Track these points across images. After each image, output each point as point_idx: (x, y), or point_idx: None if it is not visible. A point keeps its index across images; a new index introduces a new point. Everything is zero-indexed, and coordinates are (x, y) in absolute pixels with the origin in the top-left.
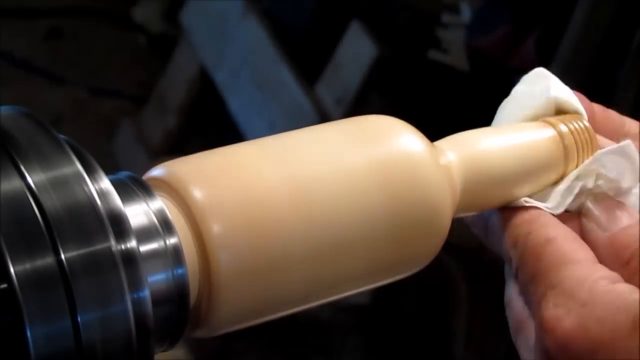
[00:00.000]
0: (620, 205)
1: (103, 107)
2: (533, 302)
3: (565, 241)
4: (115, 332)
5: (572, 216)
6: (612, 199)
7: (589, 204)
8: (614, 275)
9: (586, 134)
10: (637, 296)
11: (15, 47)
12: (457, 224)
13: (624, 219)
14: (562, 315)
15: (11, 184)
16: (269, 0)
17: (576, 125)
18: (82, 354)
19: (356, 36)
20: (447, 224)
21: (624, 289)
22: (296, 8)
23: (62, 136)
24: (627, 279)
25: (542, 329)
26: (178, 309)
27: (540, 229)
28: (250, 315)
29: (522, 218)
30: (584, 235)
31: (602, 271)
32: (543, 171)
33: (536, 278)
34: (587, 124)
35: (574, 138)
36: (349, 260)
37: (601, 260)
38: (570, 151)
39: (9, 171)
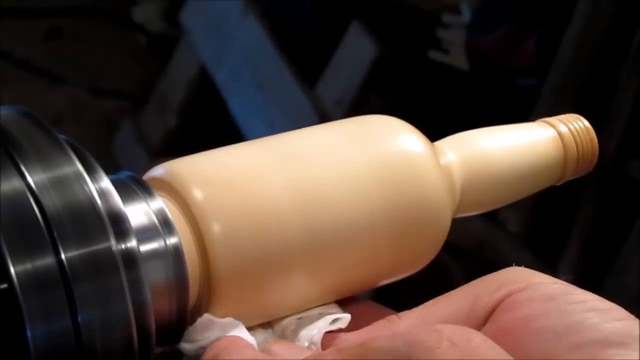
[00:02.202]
0: (296, 345)
1: (103, 107)
2: None
3: None
4: (116, 332)
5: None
6: (288, 342)
7: (268, 345)
8: None
9: (586, 134)
10: None
11: (15, 47)
12: (457, 224)
13: (305, 352)
14: None
15: (11, 184)
16: (269, 0)
17: (576, 125)
18: (83, 354)
19: (356, 36)
20: (447, 224)
21: None
22: (296, 8)
23: (62, 136)
24: None
25: None
26: (178, 309)
27: None
28: (250, 316)
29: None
30: None
31: None
32: (543, 171)
33: None
34: (587, 123)
35: (574, 138)
36: (349, 260)
37: None
38: (570, 151)
39: (9, 171)
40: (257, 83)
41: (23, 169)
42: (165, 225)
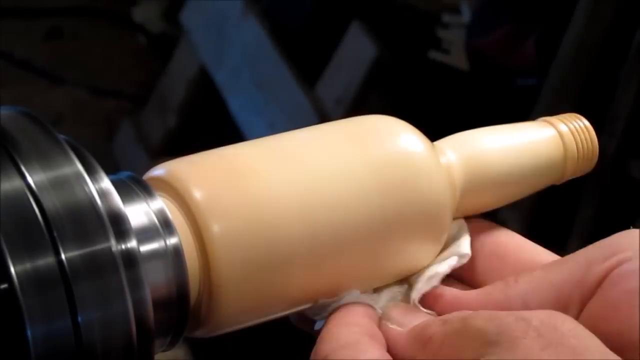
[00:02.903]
0: (415, 308)
1: (103, 107)
2: None
3: (340, 350)
4: (116, 332)
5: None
6: (408, 305)
7: (386, 309)
8: None
9: (586, 134)
10: None
11: (15, 47)
12: None
13: (421, 317)
14: None
15: (11, 184)
16: (269, 0)
17: (576, 125)
18: (83, 354)
19: (356, 36)
20: (447, 224)
21: None
22: (296, 8)
23: (62, 136)
24: None
25: None
26: (178, 309)
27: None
28: (251, 316)
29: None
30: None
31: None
32: (543, 171)
33: None
34: (587, 123)
35: (574, 137)
36: (349, 260)
37: (400, 355)
38: (570, 151)
39: (9, 171)
40: (257, 83)
41: (23, 169)
42: (165, 225)
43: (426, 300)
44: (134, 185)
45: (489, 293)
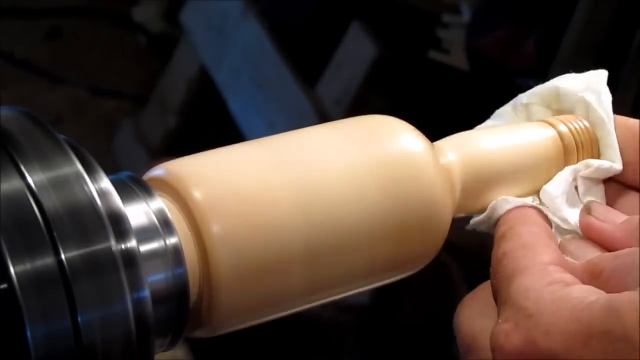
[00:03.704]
0: (590, 242)
1: (103, 107)
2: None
3: (519, 250)
4: (116, 332)
5: None
6: (582, 239)
7: (564, 242)
8: (569, 277)
9: (586, 134)
10: (594, 298)
11: (15, 47)
12: (457, 224)
13: (595, 252)
14: (509, 330)
15: (11, 184)
16: (269, 0)
17: (576, 125)
18: (82, 354)
19: (356, 36)
20: (447, 223)
21: (578, 293)
22: (296, 8)
23: (62, 136)
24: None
25: (492, 346)
26: (178, 309)
27: (506, 240)
28: (250, 315)
29: (502, 222)
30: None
31: (554, 275)
32: (543, 171)
33: (495, 296)
34: (587, 123)
35: (574, 138)
36: (348, 260)
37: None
38: (570, 151)
39: (9, 171)
40: (257, 83)
41: (23, 169)
42: (165, 225)
43: (586, 232)
44: (134, 185)
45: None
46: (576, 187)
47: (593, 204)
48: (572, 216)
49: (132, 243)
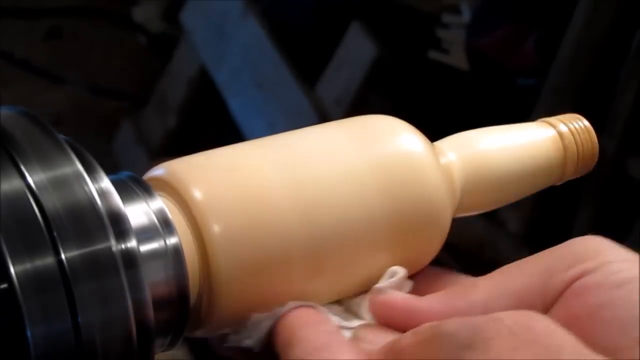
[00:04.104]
0: (386, 328)
1: (103, 107)
2: None
3: (313, 354)
4: (116, 332)
5: None
6: (380, 325)
7: (358, 331)
8: None
9: (586, 134)
10: None
11: (15, 47)
12: (457, 224)
13: (392, 335)
14: None
15: (11, 184)
16: (269, 0)
17: (576, 125)
18: (83, 354)
19: (356, 36)
20: (447, 224)
21: None
22: (296, 8)
23: (62, 136)
24: None
25: None
26: (178, 309)
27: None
28: (250, 316)
29: (281, 328)
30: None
31: None
32: (543, 171)
33: None
34: (587, 123)
35: (574, 138)
36: (348, 260)
37: None
38: (570, 151)
39: (9, 171)
40: (257, 83)
41: (23, 169)
42: (165, 225)
43: (382, 312)
44: (134, 185)
45: (447, 300)
46: None
47: (361, 329)
48: (364, 310)
49: (132, 243)
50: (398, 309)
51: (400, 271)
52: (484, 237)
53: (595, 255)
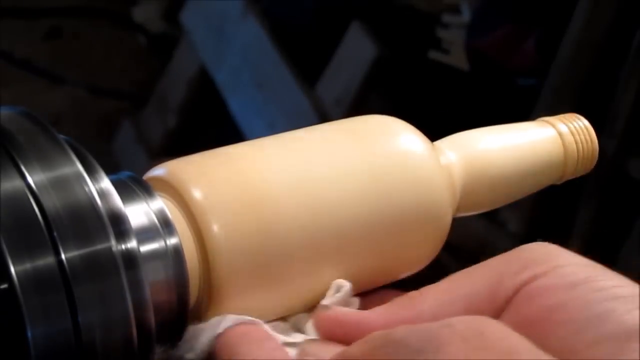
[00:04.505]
0: (331, 342)
1: (103, 107)
2: None
3: None
4: (116, 332)
5: None
6: (324, 340)
7: (304, 346)
8: None
9: (586, 134)
10: None
11: (15, 47)
12: (457, 224)
13: (339, 348)
14: None
15: (12, 184)
16: (269, 0)
17: (576, 125)
18: (83, 355)
19: (356, 36)
20: (447, 224)
21: None
22: (296, 8)
23: (62, 136)
24: None
25: None
26: (178, 309)
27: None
28: (251, 316)
29: (222, 345)
30: None
31: None
32: (543, 171)
33: None
34: (587, 123)
35: (574, 138)
36: (349, 261)
37: None
38: (570, 151)
39: (9, 171)
40: (257, 83)
41: (23, 169)
42: (165, 225)
43: (328, 328)
44: (134, 185)
45: (394, 311)
46: None
47: (307, 344)
48: (308, 326)
49: (132, 243)
50: (345, 322)
51: (345, 285)
52: (484, 237)
53: (546, 259)
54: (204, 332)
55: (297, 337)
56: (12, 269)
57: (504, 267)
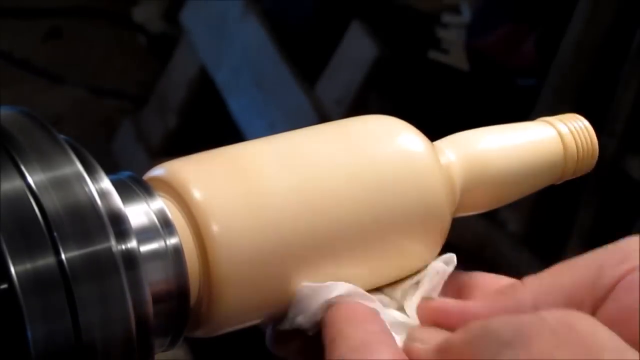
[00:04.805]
0: (439, 329)
1: (103, 107)
2: None
3: (352, 354)
4: (116, 332)
5: None
6: (432, 326)
7: (412, 331)
8: None
9: (586, 134)
10: None
11: (15, 47)
12: (457, 224)
13: (445, 334)
14: None
15: (12, 184)
16: (269, 0)
17: (576, 125)
18: (83, 354)
19: (356, 36)
20: (447, 224)
21: None
22: (296, 8)
23: (62, 136)
24: None
25: None
26: (178, 309)
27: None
28: (251, 315)
29: (329, 323)
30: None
31: None
32: (543, 171)
33: None
34: (586, 123)
35: (574, 138)
36: (349, 261)
37: None
38: (569, 151)
39: (9, 171)
40: (257, 83)
41: (23, 169)
42: (165, 225)
43: (433, 316)
44: (134, 185)
45: (496, 300)
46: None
47: (414, 330)
48: (410, 308)
49: (132, 243)
50: (450, 312)
51: (454, 259)
52: (484, 237)
53: None
54: (318, 294)
55: (398, 316)
56: (12, 269)
57: (605, 258)
